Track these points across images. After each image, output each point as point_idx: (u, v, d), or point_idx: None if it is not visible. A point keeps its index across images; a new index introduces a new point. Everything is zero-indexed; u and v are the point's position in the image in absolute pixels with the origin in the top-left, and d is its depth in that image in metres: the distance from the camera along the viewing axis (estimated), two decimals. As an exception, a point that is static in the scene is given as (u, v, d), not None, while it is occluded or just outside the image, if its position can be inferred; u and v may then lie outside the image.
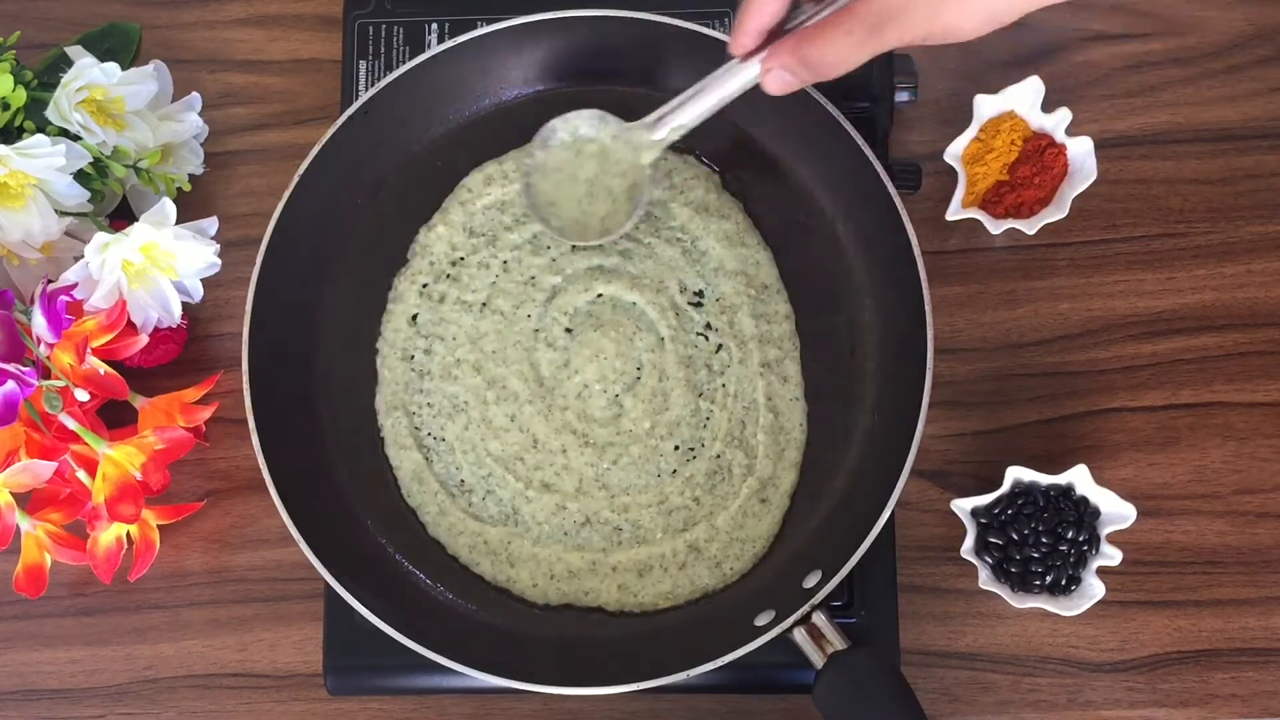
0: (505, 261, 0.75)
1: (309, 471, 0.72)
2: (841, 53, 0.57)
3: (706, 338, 0.74)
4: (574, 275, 0.74)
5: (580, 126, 0.70)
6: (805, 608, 0.65)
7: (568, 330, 0.74)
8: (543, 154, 0.71)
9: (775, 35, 0.62)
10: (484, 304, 0.74)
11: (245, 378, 0.70)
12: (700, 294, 0.74)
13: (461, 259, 0.75)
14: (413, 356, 0.74)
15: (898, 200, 0.70)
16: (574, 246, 0.75)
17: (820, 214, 0.75)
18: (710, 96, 0.66)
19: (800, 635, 0.66)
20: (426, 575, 0.72)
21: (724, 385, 0.73)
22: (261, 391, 0.70)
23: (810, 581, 0.67)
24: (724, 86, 0.65)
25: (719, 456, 0.72)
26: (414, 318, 0.75)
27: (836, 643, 0.65)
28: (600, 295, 0.74)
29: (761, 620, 0.67)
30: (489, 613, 0.71)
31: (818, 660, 0.65)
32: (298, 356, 0.74)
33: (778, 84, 0.61)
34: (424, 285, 0.75)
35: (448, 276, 0.75)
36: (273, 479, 0.68)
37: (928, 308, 0.68)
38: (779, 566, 0.71)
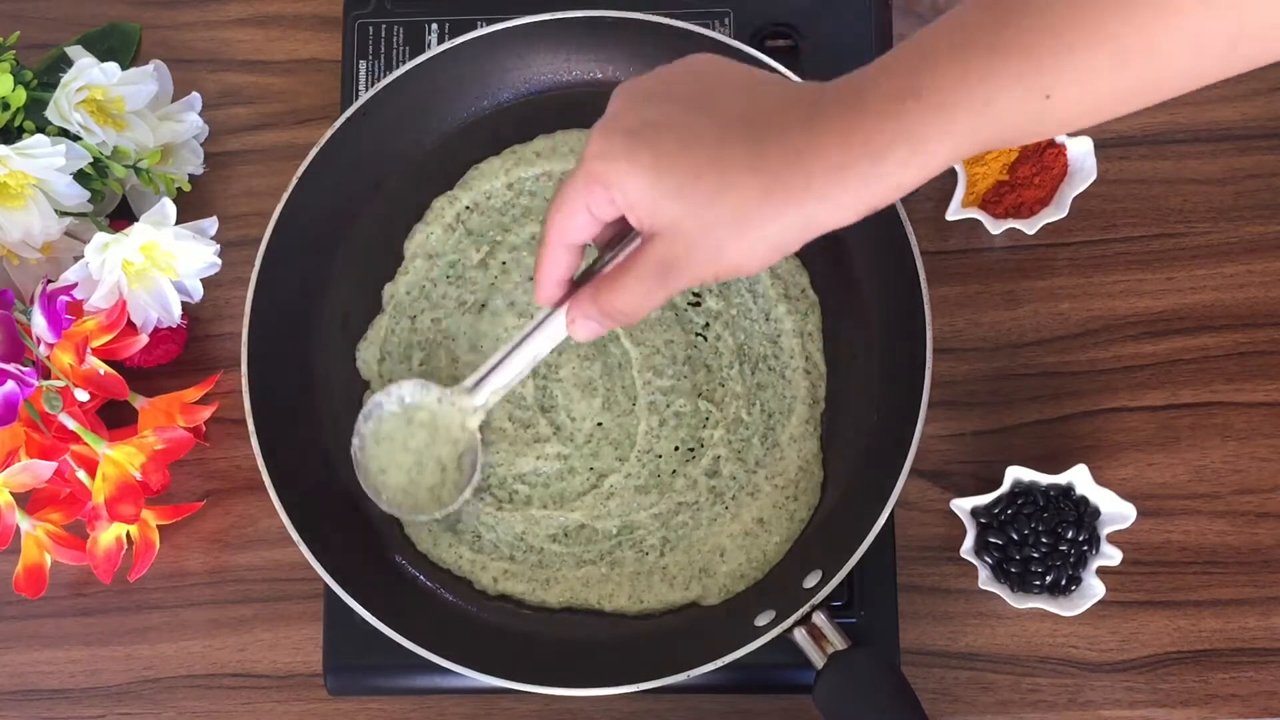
0: (504, 262, 0.75)
1: (308, 472, 0.72)
2: (636, 300, 0.56)
3: (705, 338, 0.74)
4: None
5: (405, 395, 0.70)
6: (805, 608, 0.65)
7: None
8: (371, 425, 0.71)
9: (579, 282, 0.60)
10: (483, 305, 0.74)
11: (244, 380, 0.70)
12: (699, 295, 0.74)
13: (459, 260, 0.75)
14: (410, 348, 0.74)
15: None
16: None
17: None
18: (525, 353, 0.66)
19: (800, 635, 0.66)
20: (426, 577, 0.72)
21: (723, 385, 0.73)
22: (261, 393, 0.70)
23: (810, 581, 0.67)
24: (536, 342, 0.65)
25: (720, 457, 0.72)
26: (412, 320, 0.75)
27: (837, 643, 0.65)
28: None
29: (762, 620, 0.67)
30: (489, 614, 0.71)
31: (818, 660, 0.65)
32: (297, 357, 0.74)
33: (584, 332, 0.59)
34: (421, 287, 0.75)
35: (446, 279, 0.75)
36: (272, 479, 0.68)
37: (927, 310, 0.68)
38: (779, 566, 0.71)
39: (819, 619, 0.66)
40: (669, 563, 0.71)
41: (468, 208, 0.76)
